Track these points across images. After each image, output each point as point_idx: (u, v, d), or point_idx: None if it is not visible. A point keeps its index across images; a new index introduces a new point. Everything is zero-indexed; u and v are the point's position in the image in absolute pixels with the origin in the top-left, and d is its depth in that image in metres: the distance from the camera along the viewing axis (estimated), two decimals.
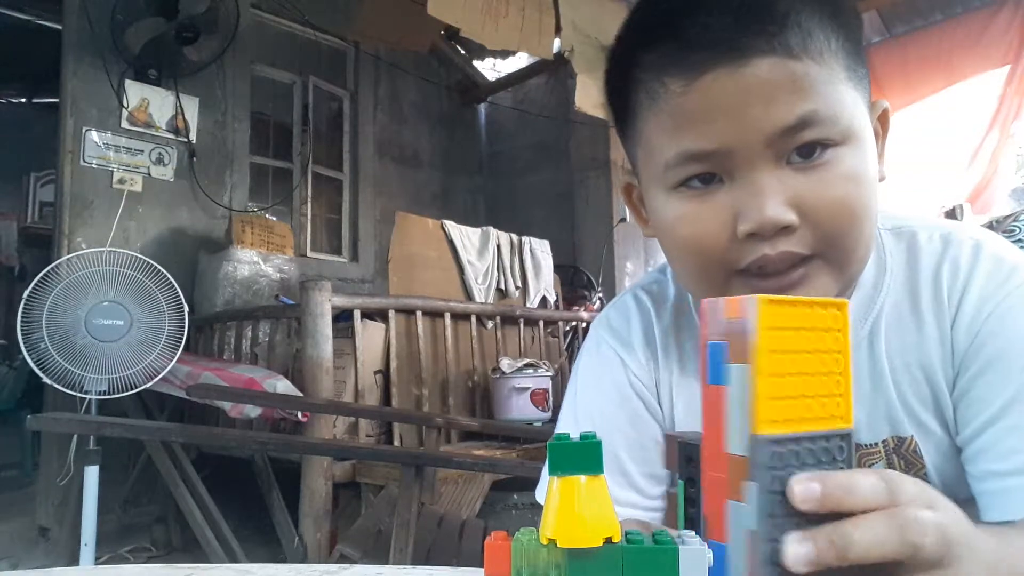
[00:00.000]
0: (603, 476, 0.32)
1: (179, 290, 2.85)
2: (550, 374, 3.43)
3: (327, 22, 5.19)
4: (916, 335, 0.63)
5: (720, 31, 0.53)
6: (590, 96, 4.23)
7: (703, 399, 0.38)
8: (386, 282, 3.92)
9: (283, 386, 2.70)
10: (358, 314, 3.07)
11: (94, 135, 3.86)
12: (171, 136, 4.15)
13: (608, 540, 0.32)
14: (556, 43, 4.16)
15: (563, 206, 5.88)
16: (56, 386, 2.63)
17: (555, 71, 5.75)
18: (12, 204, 6.85)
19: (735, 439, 0.36)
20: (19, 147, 6.75)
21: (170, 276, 2.84)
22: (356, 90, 5.66)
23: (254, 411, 2.71)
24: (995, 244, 0.63)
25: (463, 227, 4.15)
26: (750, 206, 0.53)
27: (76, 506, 2.75)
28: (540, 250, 4.49)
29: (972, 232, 0.64)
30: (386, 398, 3.17)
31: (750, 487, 0.35)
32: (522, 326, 3.92)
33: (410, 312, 3.32)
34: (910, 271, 0.64)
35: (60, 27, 4.04)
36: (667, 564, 0.31)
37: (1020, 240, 1.09)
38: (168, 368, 2.81)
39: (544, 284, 4.46)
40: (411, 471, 2.23)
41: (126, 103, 3.95)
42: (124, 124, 3.96)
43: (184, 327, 2.85)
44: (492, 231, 4.27)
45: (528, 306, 4.24)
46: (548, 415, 3.31)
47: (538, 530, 0.33)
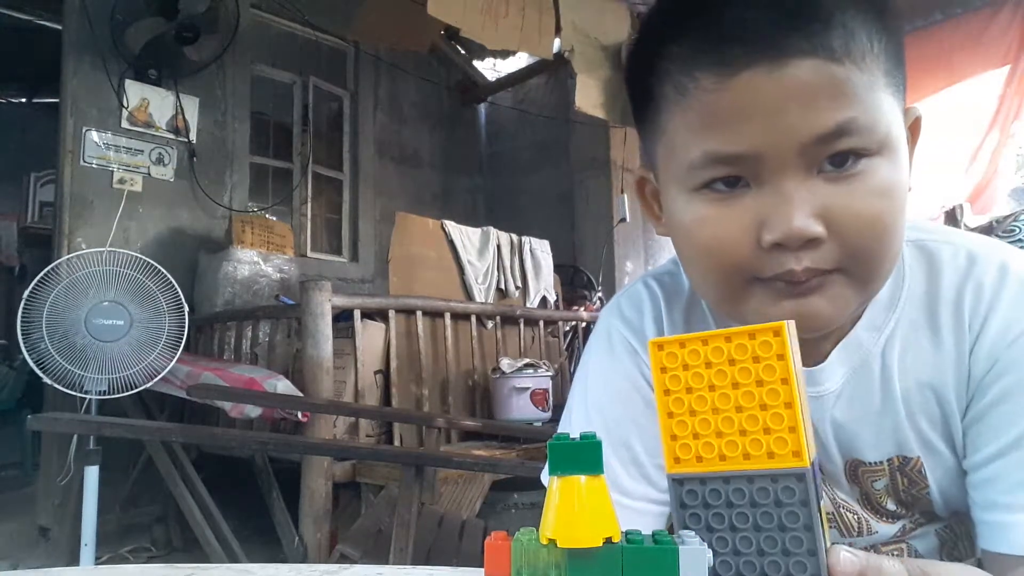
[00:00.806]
0: (603, 476, 0.32)
1: (179, 290, 2.85)
2: (550, 374, 3.43)
3: (327, 22, 5.19)
4: (932, 354, 0.60)
5: (760, 27, 0.50)
6: (590, 96, 4.23)
7: None
8: (386, 282, 3.92)
9: (283, 386, 2.70)
10: (358, 314, 3.07)
11: (94, 135, 3.86)
12: (171, 136, 4.15)
13: (608, 540, 0.31)
14: (556, 43, 4.16)
15: (563, 206, 5.87)
16: (56, 386, 2.63)
17: (555, 71, 5.75)
18: (12, 204, 6.84)
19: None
20: (19, 147, 6.75)
21: (170, 276, 2.84)
22: (356, 90, 5.66)
23: (254, 411, 2.70)
24: (1022, 267, 0.60)
25: (463, 227, 4.15)
26: (777, 215, 0.51)
27: (76, 506, 2.75)
28: (540, 250, 4.49)
29: (1000, 252, 0.61)
30: (386, 398, 3.17)
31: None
32: (522, 326, 3.92)
33: (410, 312, 3.32)
34: (930, 287, 0.61)
35: (60, 27, 4.03)
36: (667, 564, 0.31)
37: (1020, 240, 1.09)
38: (168, 368, 2.81)
39: (544, 284, 4.46)
40: (411, 471, 2.23)
41: (126, 103, 3.95)
42: (124, 124, 3.96)
43: (184, 327, 2.85)
44: (492, 231, 4.27)
45: (528, 306, 4.24)
46: (548, 415, 3.31)
47: (538, 530, 0.33)
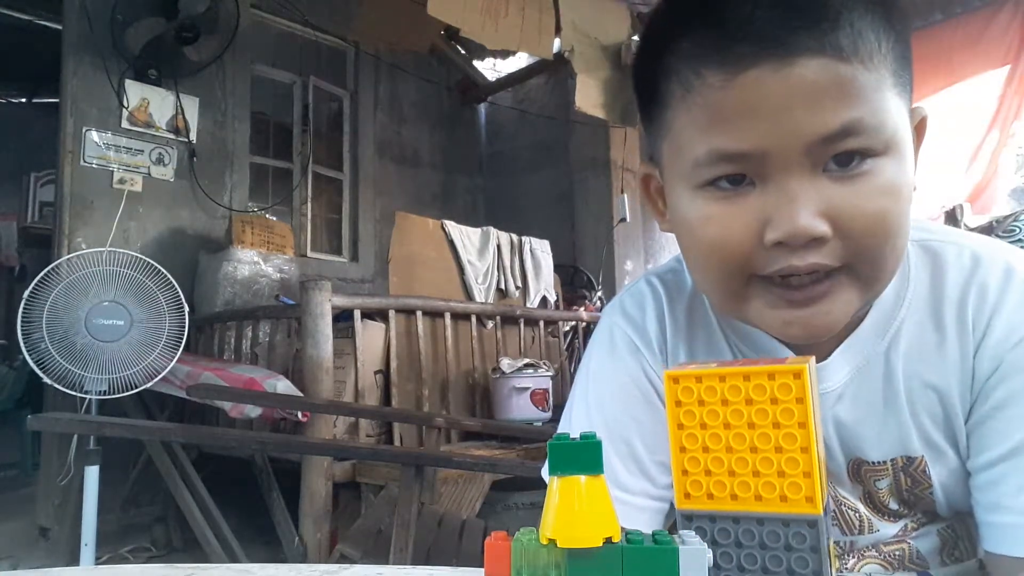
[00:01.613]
0: (603, 476, 0.32)
1: (179, 290, 2.85)
2: (550, 374, 3.43)
3: (327, 22, 5.19)
4: (936, 355, 0.60)
5: (767, 25, 0.49)
6: (590, 96, 4.23)
7: None
8: (386, 282, 3.92)
9: (283, 386, 2.70)
10: (358, 314, 3.07)
11: (94, 135, 3.86)
12: (171, 136, 4.15)
13: (608, 540, 0.31)
14: (556, 43, 4.16)
15: (563, 206, 5.87)
16: (56, 386, 2.62)
17: (555, 71, 5.75)
18: (12, 204, 6.85)
19: None
20: (19, 147, 6.75)
21: (170, 276, 2.84)
22: (356, 90, 5.66)
23: (254, 411, 2.70)
24: None
25: (463, 227, 4.15)
26: (781, 214, 0.51)
27: (76, 506, 2.75)
28: (540, 250, 4.49)
29: (1005, 254, 0.61)
30: (386, 398, 3.17)
31: None
32: (522, 326, 3.92)
33: (410, 312, 3.32)
34: (934, 287, 0.61)
35: (60, 27, 4.03)
36: (667, 564, 0.31)
37: (1020, 240, 1.09)
38: (168, 368, 2.81)
39: (544, 284, 4.46)
40: (411, 471, 2.23)
41: (126, 103, 3.95)
42: (124, 124, 3.96)
43: (184, 327, 2.85)
44: (492, 231, 4.27)
45: (528, 306, 4.24)
46: (548, 415, 3.31)
47: (538, 530, 0.33)
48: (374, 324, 3.18)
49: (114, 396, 2.72)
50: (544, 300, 4.45)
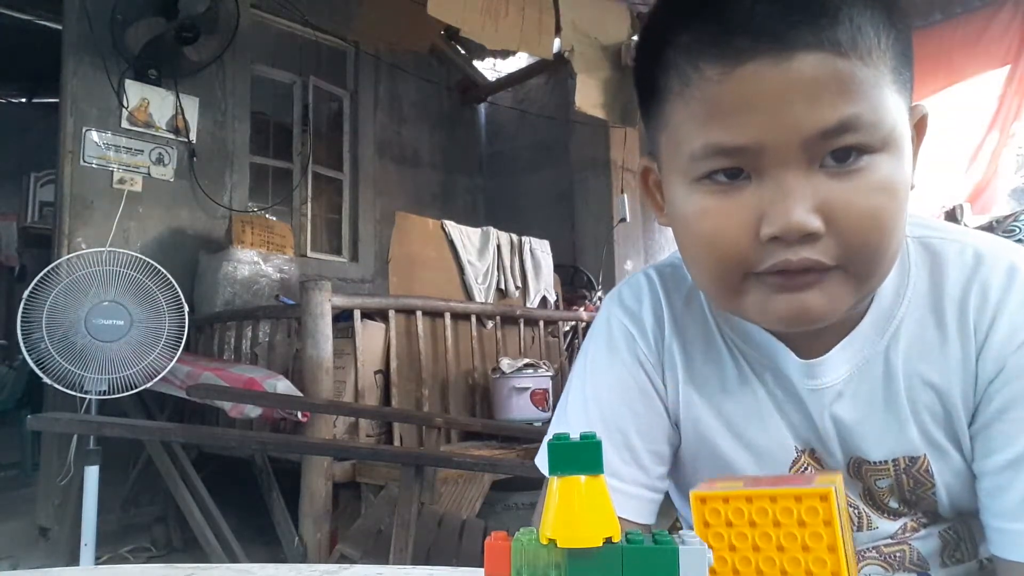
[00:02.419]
0: (603, 476, 0.32)
1: (179, 290, 2.85)
2: (550, 374, 3.43)
3: (327, 22, 5.19)
4: (937, 354, 0.60)
5: (766, 19, 0.49)
6: (590, 96, 4.23)
7: None
8: (386, 282, 3.91)
9: (283, 386, 2.70)
10: (358, 314, 3.07)
11: (94, 135, 3.86)
12: (171, 136, 4.15)
13: (608, 540, 0.31)
14: (556, 43, 4.16)
15: (563, 206, 5.87)
16: (56, 386, 2.62)
17: (555, 71, 5.75)
18: (12, 204, 6.85)
19: None
20: (19, 147, 6.75)
21: (170, 276, 2.84)
22: (356, 90, 5.65)
23: (254, 411, 2.70)
24: None
25: (463, 227, 4.15)
26: (776, 209, 0.51)
27: (76, 506, 2.75)
28: (540, 250, 4.49)
29: (1009, 253, 0.60)
30: (386, 398, 3.17)
31: None
32: (522, 326, 3.92)
33: (410, 312, 3.32)
34: (934, 285, 0.61)
35: (60, 27, 4.03)
36: (667, 564, 0.31)
37: (1020, 240, 1.09)
38: (168, 368, 2.81)
39: (544, 284, 4.46)
40: (411, 471, 2.23)
41: (126, 103, 3.95)
42: (124, 124, 3.96)
43: (184, 327, 2.85)
44: (492, 231, 4.27)
45: (528, 306, 4.24)
46: (548, 415, 3.30)
47: (538, 530, 0.33)
48: (374, 324, 3.18)
49: (114, 396, 2.72)
50: (544, 300, 4.44)
